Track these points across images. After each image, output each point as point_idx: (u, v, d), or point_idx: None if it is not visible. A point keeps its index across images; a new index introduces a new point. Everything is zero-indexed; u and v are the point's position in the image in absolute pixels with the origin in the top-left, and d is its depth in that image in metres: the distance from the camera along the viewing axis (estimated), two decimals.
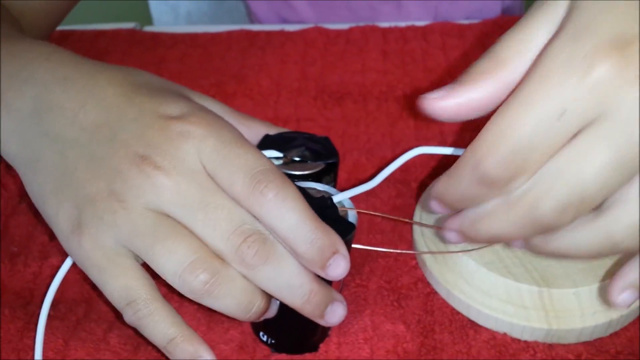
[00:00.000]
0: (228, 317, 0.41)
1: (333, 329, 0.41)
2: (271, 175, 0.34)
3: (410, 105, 0.60)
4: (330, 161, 0.40)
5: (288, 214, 0.33)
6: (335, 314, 0.37)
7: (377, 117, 0.59)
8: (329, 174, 0.40)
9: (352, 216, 0.36)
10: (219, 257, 0.34)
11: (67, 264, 0.37)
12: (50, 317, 0.41)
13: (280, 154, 0.40)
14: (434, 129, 0.57)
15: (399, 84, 0.62)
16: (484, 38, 0.68)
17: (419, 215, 0.47)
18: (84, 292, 0.44)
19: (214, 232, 0.34)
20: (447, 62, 0.65)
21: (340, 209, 0.36)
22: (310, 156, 0.40)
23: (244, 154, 0.34)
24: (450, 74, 0.63)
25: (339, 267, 0.34)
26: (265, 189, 0.33)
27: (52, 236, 0.44)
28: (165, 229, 0.34)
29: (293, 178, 0.39)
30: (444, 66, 0.64)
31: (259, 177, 0.33)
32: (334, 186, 0.42)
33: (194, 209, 0.34)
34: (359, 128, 0.58)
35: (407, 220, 0.46)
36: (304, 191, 0.37)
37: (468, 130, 0.56)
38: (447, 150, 0.40)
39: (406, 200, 0.50)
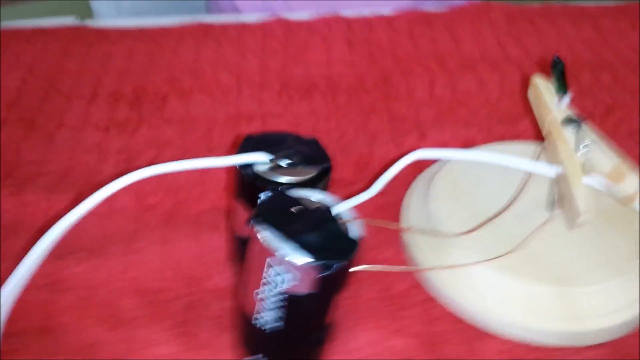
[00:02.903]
0: (207, 342, 0.37)
1: (325, 350, 0.37)
2: None
3: (383, 97, 0.56)
4: (324, 166, 0.35)
5: None
6: None
7: (348, 111, 0.55)
8: (321, 181, 0.35)
9: (354, 230, 0.32)
10: None
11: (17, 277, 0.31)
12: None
13: (268, 157, 0.35)
14: (410, 122, 0.53)
15: (368, 75, 0.58)
16: (452, 25, 0.65)
17: (407, 214, 0.43)
18: (38, 321, 0.38)
19: None
20: (417, 50, 0.62)
21: (339, 222, 0.32)
22: (300, 160, 0.35)
23: None
24: (421, 63, 0.60)
25: None
26: None
27: None
28: None
29: (285, 186, 0.34)
30: (413, 55, 0.61)
31: None
32: None
33: None
34: (329, 123, 0.54)
35: (407, 228, 0.42)
36: (298, 202, 0.32)
37: (457, 125, 0.53)
38: (449, 154, 0.36)
39: (390, 198, 0.46)
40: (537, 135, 0.51)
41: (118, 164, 0.50)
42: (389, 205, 0.46)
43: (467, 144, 0.50)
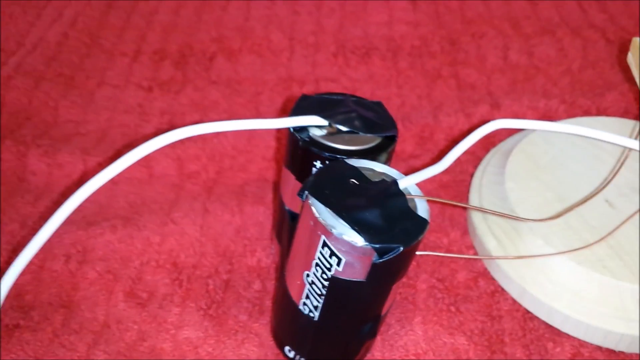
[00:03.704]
0: (242, 326, 0.33)
1: (376, 342, 0.33)
2: None
3: (450, 61, 0.51)
4: (388, 134, 0.31)
5: None
6: None
7: (410, 76, 0.50)
8: (385, 151, 0.30)
9: (422, 208, 0.27)
10: None
11: (34, 246, 0.28)
12: (18, 327, 0.32)
13: (324, 122, 0.30)
14: (481, 89, 0.48)
15: (433, 37, 0.53)
16: None
17: (477, 194, 0.38)
18: (63, 294, 0.35)
19: None
20: (488, 11, 0.56)
21: (407, 197, 0.27)
22: (362, 126, 0.30)
23: None
24: (493, 25, 0.54)
25: None
26: None
27: None
28: None
29: (344, 155, 0.29)
30: (485, 16, 0.55)
31: None
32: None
33: None
34: (389, 90, 0.49)
35: (480, 208, 0.37)
36: (359, 173, 0.27)
37: (535, 95, 0.47)
38: (530, 124, 0.31)
39: (455, 176, 0.41)
40: (628, 110, 0.45)
41: (160, 126, 0.46)
42: (454, 183, 0.41)
43: (547, 116, 0.44)
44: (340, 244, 0.26)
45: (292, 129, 0.30)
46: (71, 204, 0.28)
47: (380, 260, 0.26)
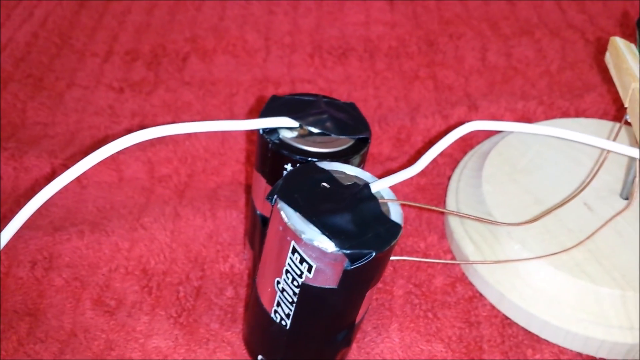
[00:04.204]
0: (214, 335, 0.32)
1: (352, 350, 0.32)
2: None
3: (428, 62, 0.50)
4: (361, 136, 0.30)
5: None
6: None
7: (387, 77, 0.49)
8: (358, 154, 0.29)
9: (396, 212, 0.26)
10: None
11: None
12: None
13: (295, 123, 0.29)
14: (459, 91, 0.47)
15: (411, 38, 0.52)
16: None
17: (454, 197, 0.37)
18: (28, 301, 0.34)
19: None
20: (466, 11, 0.55)
21: (380, 201, 0.26)
22: (334, 128, 0.29)
23: None
24: (471, 26, 0.53)
25: None
26: None
27: None
28: None
29: (315, 157, 0.28)
30: (463, 16, 0.54)
31: None
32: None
33: None
34: (366, 91, 0.48)
35: (457, 212, 0.36)
36: (330, 177, 0.27)
37: (513, 97, 0.46)
38: (507, 126, 0.30)
39: (433, 179, 0.40)
40: (607, 111, 0.45)
41: (131, 128, 0.45)
42: (431, 186, 0.40)
43: (525, 118, 0.44)
44: (311, 250, 0.25)
45: (261, 131, 0.29)
46: (34, 204, 0.27)
47: (352, 267, 0.25)
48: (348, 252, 0.24)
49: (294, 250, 0.25)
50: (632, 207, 0.33)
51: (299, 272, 0.26)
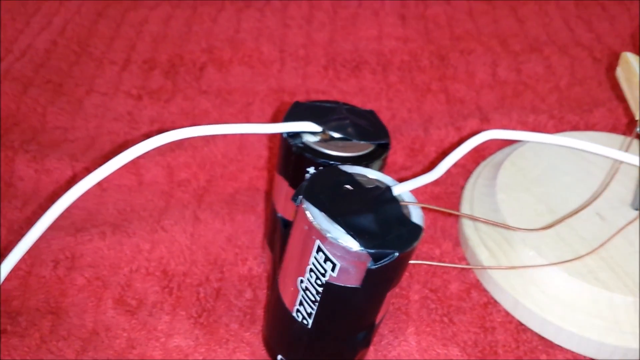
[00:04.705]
0: (234, 335, 0.32)
1: (369, 353, 0.32)
2: None
3: (440, 76, 0.51)
4: (382, 142, 0.31)
5: None
6: None
7: (400, 90, 0.50)
8: (378, 159, 0.30)
9: (417, 215, 0.27)
10: None
11: (20, 251, 0.27)
12: (5, 332, 0.32)
13: (318, 128, 0.30)
14: (470, 104, 0.48)
15: (423, 53, 0.53)
16: (515, 4, 0.60)
17: (468, 205, 0.38)
18: (51, 300, 0.34)
19: None
20: (477, 28, 0.56)
21: (401, 204, 0.27)
22: (355, 133, 0.30)
23: None
24: (482, 42, 0.54)
25: None
26: None
27: None
28: None
29: (338, 161, 0.29)
30: (473, 33, 0.56)
31: None
32: None
33: None
34: (380, 103, 0.49)
35: (474, 217, 0.37)
36: (353, 179, 0.27)
37: (524, 111, 0.47)
38: (524, 135, 0.31)
39: (447, 187, 0.41)
40: (615, 126, 0.46)
41: (150, 134, 0.46)
42: (445, 195, 0.41)
43: (536, 131, 0.45)
44: (335, 249, 0.25)
45: (285, 135, 0.30)
46: (58, 207, 0.28)
47: (376, 266, 0.25)
48: (372, 251, 0.25)
49: (319, 249, 0.26)
50: None
51: (322, 271, 0.26)
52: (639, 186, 0.36)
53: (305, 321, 0.28)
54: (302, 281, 0.28)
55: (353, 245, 0.25)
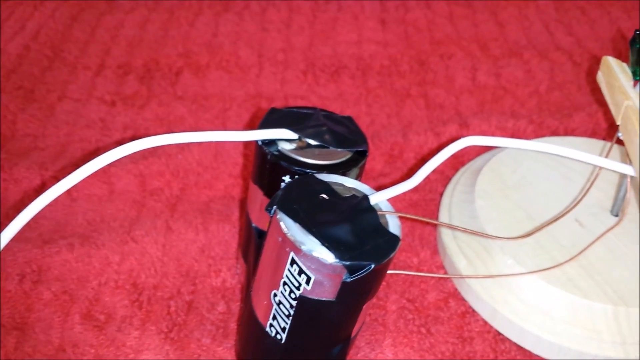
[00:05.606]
0: (206, 350, 0.31)
1: None
2: None
3: (419, 81, 0.50)
4: (359, 149, 0.30)
5: None
6: None
7: (379, 95, 0.49)
8: (356, 166, 0.29)
9: (394, 225, 0.26)
10: None
11: None
12: None
13: (294, 135, 0.29)
14: (449, 109, 0.48)
15: (403, 57, 0.53)
16: (495, 8, 0.59)
17: (447, 212, 0.37)
18: (16, 315, 0.33)
19: None
20: (457, 32, 0.56)
21: (378, 213, 0.26)
22: (332, 141, 0.29)
23: None
24: (461, 47, 0.54)
25: None
26: None
27: None
28: None
29: (314, 169, 0.28)
30: (453, 37, 0.55)
31: None
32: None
33: None
34: (359, 108, 0.48)
35: (452, 226, 0.36)
36: (329, 188, 0.27)
37: (504, 116, 0.47)
38: (503, 142, 0.31)
39: (425, 194, 0.41)
40: (595, 131, 0.45)
41: (123, 141, 0.45)
42: (423, 202, 0.40)
43: (515, 136, 0.44)
44: (310, 261, 0.25)
45: (260, 143, 0.29)
46: (24, 217, 0.27)
47: (351, 279, 0.25)
48: (347, 263, 0.24)
49: (293, 262, 0.25)
50: (623, 223, 0.34)
51: (297, 284, 0.25)
52: (618, 192, 0.35)
53: (279, 336, 0.27)
54: (275, 295, 0.27)
55: (328, 257, 0.24)
